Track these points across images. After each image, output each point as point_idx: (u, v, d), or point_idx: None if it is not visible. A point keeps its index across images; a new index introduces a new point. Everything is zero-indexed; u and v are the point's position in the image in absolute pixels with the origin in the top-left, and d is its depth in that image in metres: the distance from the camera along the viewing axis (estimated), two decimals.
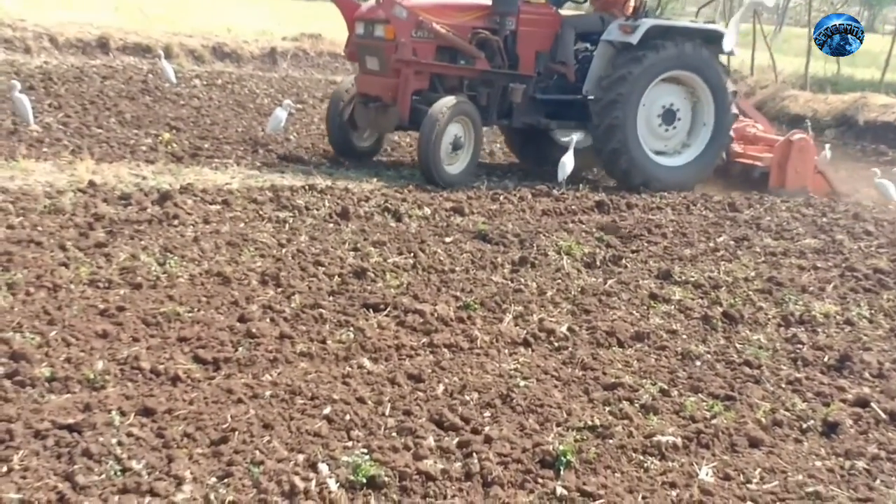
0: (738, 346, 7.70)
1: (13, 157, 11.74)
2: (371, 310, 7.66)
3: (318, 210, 10.52)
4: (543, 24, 13.56)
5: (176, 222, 9.47)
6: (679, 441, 5.85)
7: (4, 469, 4.82)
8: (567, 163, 13.13)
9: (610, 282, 9.00)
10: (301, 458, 5.19)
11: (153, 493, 4.72)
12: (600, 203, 12.16)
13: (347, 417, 5.74)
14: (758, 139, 15.21)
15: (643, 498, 5.24)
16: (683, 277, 9.28)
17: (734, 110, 14.17)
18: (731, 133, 14.18)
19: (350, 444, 5.46)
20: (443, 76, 12.95)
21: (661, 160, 13.64)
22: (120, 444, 5.13)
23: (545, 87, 13.48)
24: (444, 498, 5.05)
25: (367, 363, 6.65)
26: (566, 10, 15.35)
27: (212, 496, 4.73)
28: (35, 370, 5.90)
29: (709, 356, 7.43)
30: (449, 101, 12.30)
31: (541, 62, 13.46)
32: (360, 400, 6.01)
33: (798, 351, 7.69)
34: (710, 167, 14.11)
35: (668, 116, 13.64)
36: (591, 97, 13.24)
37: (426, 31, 12.67)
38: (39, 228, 8.74)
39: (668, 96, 13.60)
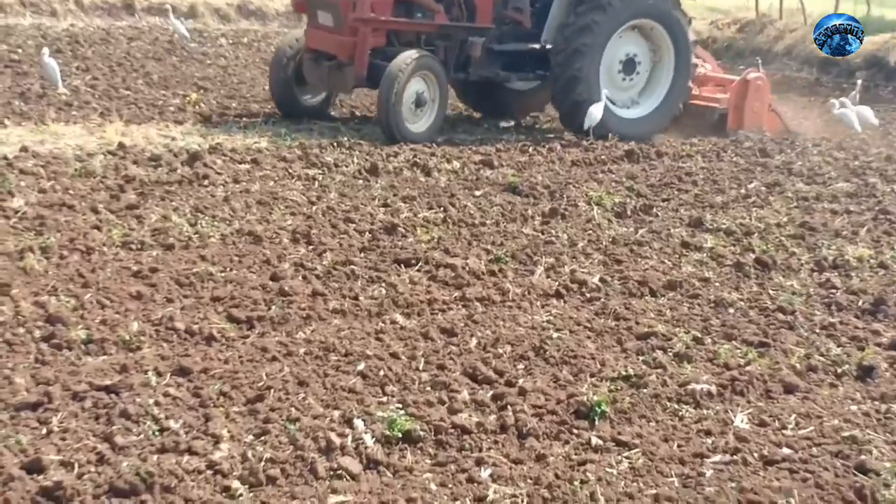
0: (771, 292, 7.68)
1: (43, 120, 11.78)
2: (402, 265, 7.67)
3: (347, 167, 10.52)
4: None
5: (206, 182, 9.49)
6: (713, 389, 5.85)
7: (44, 431, 4.88)
8: (595, 112, 12.91)
9: (641, 231, 8.97)
10: (336, 414, 5.22)
11: (191, 451, 4.75)
12: (630, 152, 12.07)
13: (381, 373, 5.76)
14: (707, 79, 14.99)
15: (678, 446, 5.24)
16: (715, 225, 9.24)
17: (694, 60, 13.89)
18: (691, 84, 13.91)
19: (385, 399, 5.48)
20: (400, 32, 12.61)
21: (622, 112, 13.41)
22: (157, 404, 5.17)
23: (500, 36, 13.14)
24: (480, 451, 5.07)
25: (399, 318, 6.67)
26: None
27: (249, 454, 4.77)
28: (71, 333, 5.94)
29: (742, 303, 7.41)
30: (410, 55, 11.95)
31: (497, 11, 13.09)
32: (394, 355, 6.03)
33: (832, 296, 7.66)
34: (669, 117, 13.85)
35: (629, 66, 13.39)
36: (549, 46, 12.94)
37: None
38: (71, 192, 8.76)
39: (629, 45, 13.32)
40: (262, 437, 4.94)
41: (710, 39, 22.42)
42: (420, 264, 7.70)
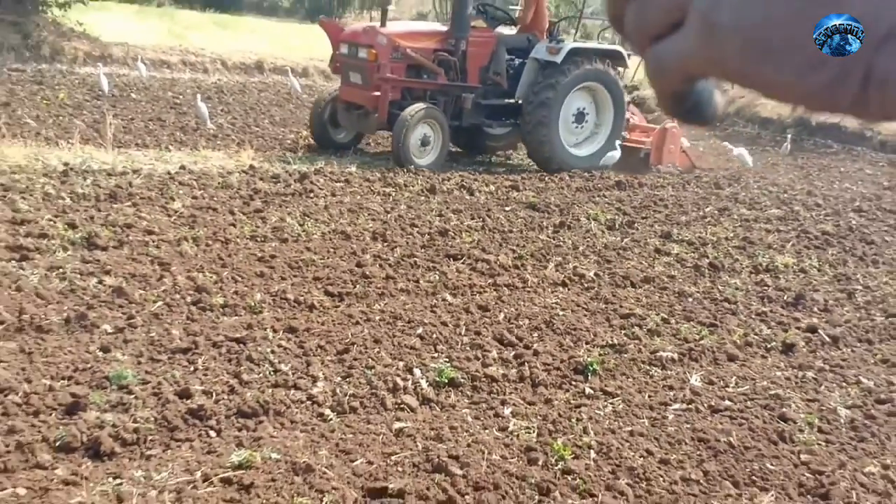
0: (720, 287, 7.63)
1: (196, 147, 11.88)
2: (451, 259, 7.68)
3: (413, 186, 10.54)
4: (485, 45, 12.91)
5: (311, 195, 9.52)
6: (675, 356, 5.85)
7: (192, 368, 4.94)
8: (615, 155, 13.04)
9: (626, 240, 8.93)
10: (401, 364, 5.25)
11: (296, 387, 4.80)
12: (619, 182, 12.00)
13: (434, 336, 5.78)
14: (636, 127, 14.73)
15: (649, 397, 5.24)
16: (680, 237, 9.19)
17: (626, 112, 13.72)
18: (625, 130, 13.72)
19: (436, 354, 5.50)
20: (411, 88, 12.36)
21: (573, 150, 13.09)
22: (272, 352, 5.22)
23: (485, 93, 12.84)
24: (504, 394, 5.09)
25: (448, 297, 6.69)
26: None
27: (338, 390, 4.80)
28: (213, 299, 6.00)
29: (698, 294, 7.37)
30: (418, 106, 11.77)
31: (482, 74, 12.88)
32: (444, 323, 6.05)
33: (764, 291, 7.61)
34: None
35: (580, 117, 13.08)
36: (521, 101, 12.69)
37: (401, 53, 12.07)
38: (215, 199, 8.83)
39: (580, 101, 13.05)
40: (347, 379, 4.97)
41: None
42: (464, 258, 7.70)
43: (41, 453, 3.90)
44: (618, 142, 13.34)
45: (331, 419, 4.56)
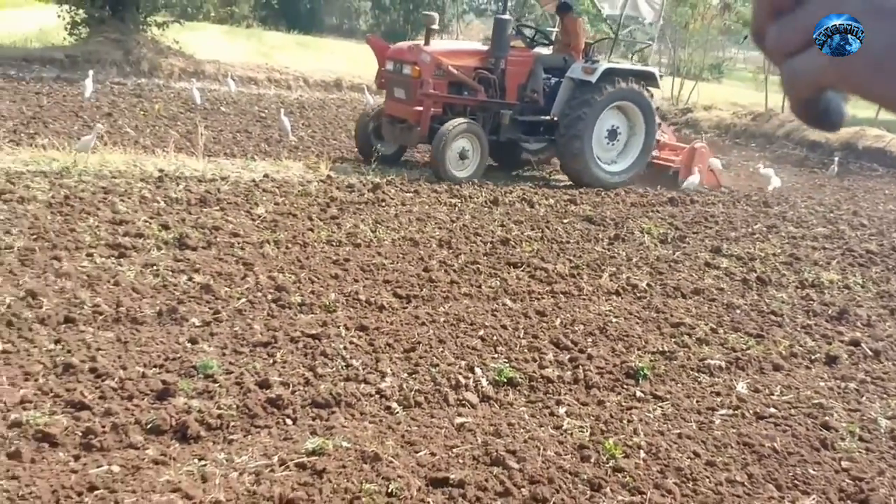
0: (766, 300, 7.49)
1: (279, 158, 12.02)
2: (512, 266, 7.66)
3: (477, 198, 10.53)
4: (523, 63, 12.68)
5: (383, 204, 9.57)
6: (723, 364, 5.76)
7: (271, 361, 4.99)
8: (694, 180, 12.94)
9: (677, 253, 8.82)
10: (463, 363, 5.25)
11: (366, 381, 4.82)
12: (672, 199, 11.87)
13: (495, 338, 5.77)
14: (665, 145, 14.33)
15: (697, 401, 5.17)
16: (729, 252, 9.04)
17: (657, 130, 13.39)
18: (655, 149, 13.44)
19: (496, 355, 5.49)
20: (452, 104, 12.18)
21: (606, 166, 12.83)
22: (345, 348, 5.26)
23: (521, 110, 12.63)
24: (559, 395, 5.06)
25: (508, 302, 6.67)
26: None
27: (404, 385, 4.82)
28: (291, 297, 6.06)
29: (745, 307, 7.24)
30: (457, 121, 11.65)
31: (519, 92, 12.65)
32: (504, 326, 6.04)
33: (809, 305, 7.45)
34: (639, 171, 13.21)
35: (612, 135, 12.82)
36: (557, 118, 12.46)
37: (443, 71, 11.91)
38: (294, 205, 8.92)
39: (613, 119, 12.77)
40: (413, 375, 4.99)
41: (731, 125, 21.88)
42: (524, 266, 7.67)
43: (134, 434, 3.99)
44: (696, 168, 13.16)
45: (397, 412, 4.58)
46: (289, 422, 4.35)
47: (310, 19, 41.28)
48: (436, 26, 12.40)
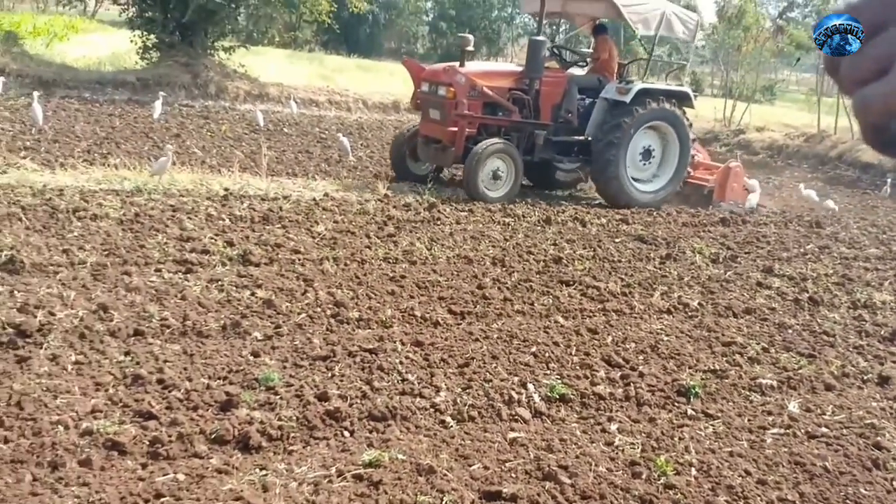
0: (818, 320, 7.35)
1: (338, 177, 12.16)
2: (564, 285, 7.62)
3: (530, 217, 10.52)
4: (557, 84, 12.51)
5: (438, 222, 9.60)
6: (775, 383, 5.66)
7: (330, 374, 5.02)
8: (752, 199, 12.84)
9: (728, 273, 8.70)
10: (516, 379, 5.23)
11: (421, 395, 4.83)
12: (724, 219, 11.71)
13: (547, 354, 5.75)
14: (700, 165, 14.08)
15: (748, 420, 5.09)
16: (781, 272, 8.90)
17: (692, 149, 13.13)
18: (690, 167, 13.16)
19: (548, 372, 5.46)
20: (487, 125, 12.02)
21: (640, 186, 12.57)
22: (400, 363, 5.27)
23: (556, 130, 12.41)
24: (611, 411, 5.01)
25: (560, 320, 6.63)
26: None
27: (458, 400, 4.81)
28: (349, 313, 6.10)
29: (798, 326, 7.11)
30: (490, 141, 11.55)
31: (554, 112, 12.46)
32: (556, 343, 6.01)
33: (862, 326, 7.29)
34: (674, 190, 12.97)
35: (646, 154, 12.58)
36: (591, 139, 12.29)
37: (478, 92, 11.77)
38: (353, 223, 9.00)
39: (647, 139, 12.56)
40: (467, 390, 4.98)
41: (784, 146, 21.57)
42: (576, 285, 7.63)
43: (198, 444, 4.04)
44: (752, 185, 12.90)
45: (451, 426, 4.58)
46: (346, 434, 4.37)
47: (369, 43, 41.75)
48: (471, 48, 12.30)
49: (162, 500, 3.60)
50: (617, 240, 9.80)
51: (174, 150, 10.31)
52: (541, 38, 12.33)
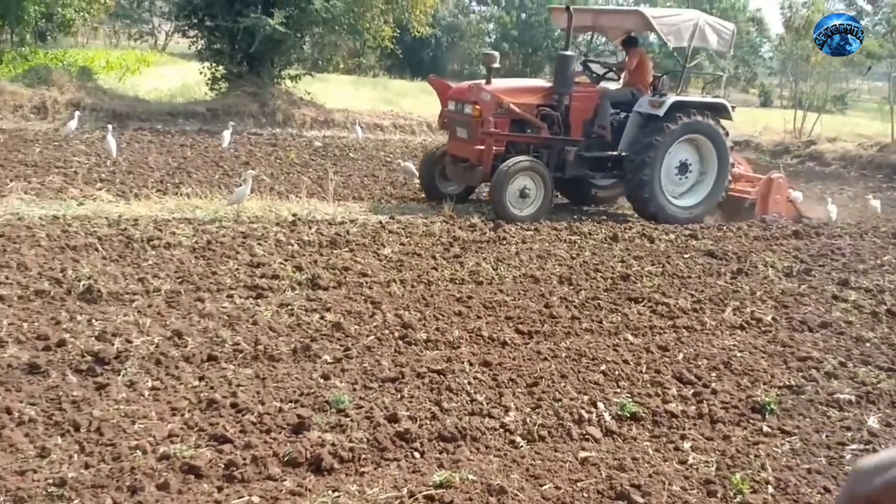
0: None
1: (404, 200, 12.27)
2: (633, 302, 7.55)
3: (596, 235, 10.45)
4: (588, 100, 12.20)
5: (504, 242, 9.60)
6: (853, 398, 5.52)
7: (399, 396, 5.06)
8: (834, 211, 12.62)
9: (803, 286, 8.51)
10: (586, 398, 5.20)
11: (490, 416, 4.84)
12: (796, 232, 11.46)
13: (617, 372, 5.70)
14: (741, 177, 13.50)
15: (826, 436, 4.97)
16: (858, 284, 8.67)
17: (731, 161, 12.58)
18: (729, 178, 12.57)
19: (618, 390, 5.42)
20: (515, 142, 11.74)
21: (678, 202, 12.18)
22: (469, 383, 5.28)
23: (588, 146, 12.05)
24: (683, 429, 4.95)
25: (630, 337, 6.57)
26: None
27: (527, 420, 4.81)
28: (417, 334, 6.14)
29: (876, 340, 6.92)
30: (518, 159, 11.19)
31: (585, 128, 12.12)
32: (626, 361, 5.95)
33: None
34: (714, 204, 12.53)
35: (683, 168, 12.17)
36: (625, 154, 11.89)
37: (504, 109, 11.51)
38: (419, 245, 9.05)
39: (683, 153, 12.14)
40: (536, 410, 4.97)
41: (857, 156, 21.01)
42: (645, 302, 7.55)
43: (272, 466, 4.10)
44: (829, 200, 12.57)
45: (521, 446, 4.57)
46: (417, 455, 4.39)
47: (432, 66, 42.00)
48: (496, 65, 12.15)
49: None
50: (686, 255, 9.68)
51: (244, 179, 10.50)
52: (569, 52, 12.12)
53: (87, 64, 23.45)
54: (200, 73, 21.80)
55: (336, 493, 3.93)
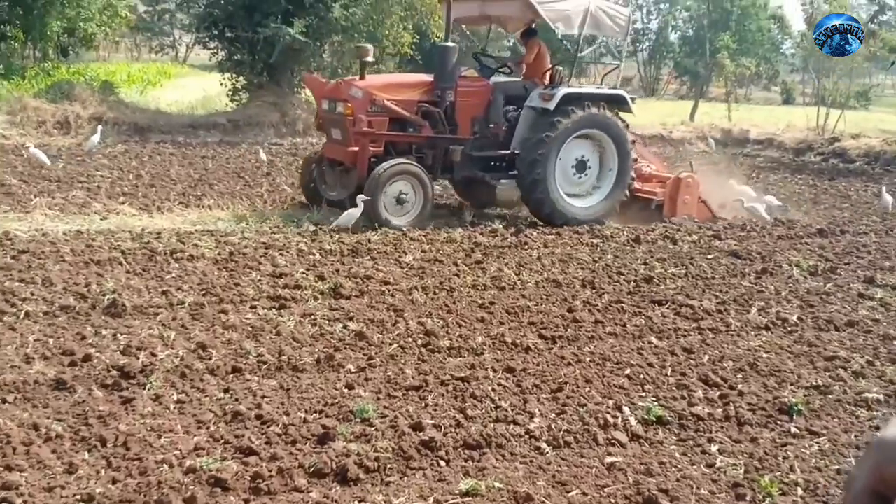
0: None
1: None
2: (657, 304, 7.51)
3: (619, 238, 10.41)
4: (477, 94, 11.34)
5: (526, 247, 9.59)
6: (881, 397, 5.47)
7: (423, 404, 5.05)
8: (887, 198, 12.53)
9: (828, 285, 8.43)
10: (611, 402, 5.18)
11: (515, 422, 4.82)
12: (821, 230, 11.36)
13: (641, 376, 5.67)
14: (652, 177, 12.75)
15: (855, 436, 4.92)
16: (884, 282, 8.59)
17: (633, 156, 11.64)
18: (632, 175, 11.70)
19: (643, 394, 5.39)
20: (395, 142, 10.92)
21: (576, 202, 11.40)
22: (493, 390, 5.27)
23: (480, 145, 11.28)
24: (710, 432, 4.92)
25: (654, 340, 6.54)
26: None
27: (553, 426, 4.79)
28: (440, 342, 6.13)
29: None
30: (390, 163, 10.40)
31: (476, 125, 11.29)
32: (650, 365, 5.92)
33: None
34: (615, 204, 11.64)
35: (581, 166, 11.35)
36: (517, 153, 11.08)
37: (379, 106, 10.60)
38: (441, 252, 9.05)
39: (580, 150, 11.32)
40: (561, 415, 4.95)
41: (881, 152, 20.79)
42: (669, 304, 7.51)
43: (298, 478, 4.11)
44: (883, 190, 12.38)
45: (547, 452, 4.55)
46: (442, 463, 4.39)
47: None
48: (370, 58, 11.42)
49: None
50: (709, 256, 9.61)
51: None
52: (449, 44, 11.35)
53: (109, 78, 23.70)
54: (221, 84, 21.96)
55: None
